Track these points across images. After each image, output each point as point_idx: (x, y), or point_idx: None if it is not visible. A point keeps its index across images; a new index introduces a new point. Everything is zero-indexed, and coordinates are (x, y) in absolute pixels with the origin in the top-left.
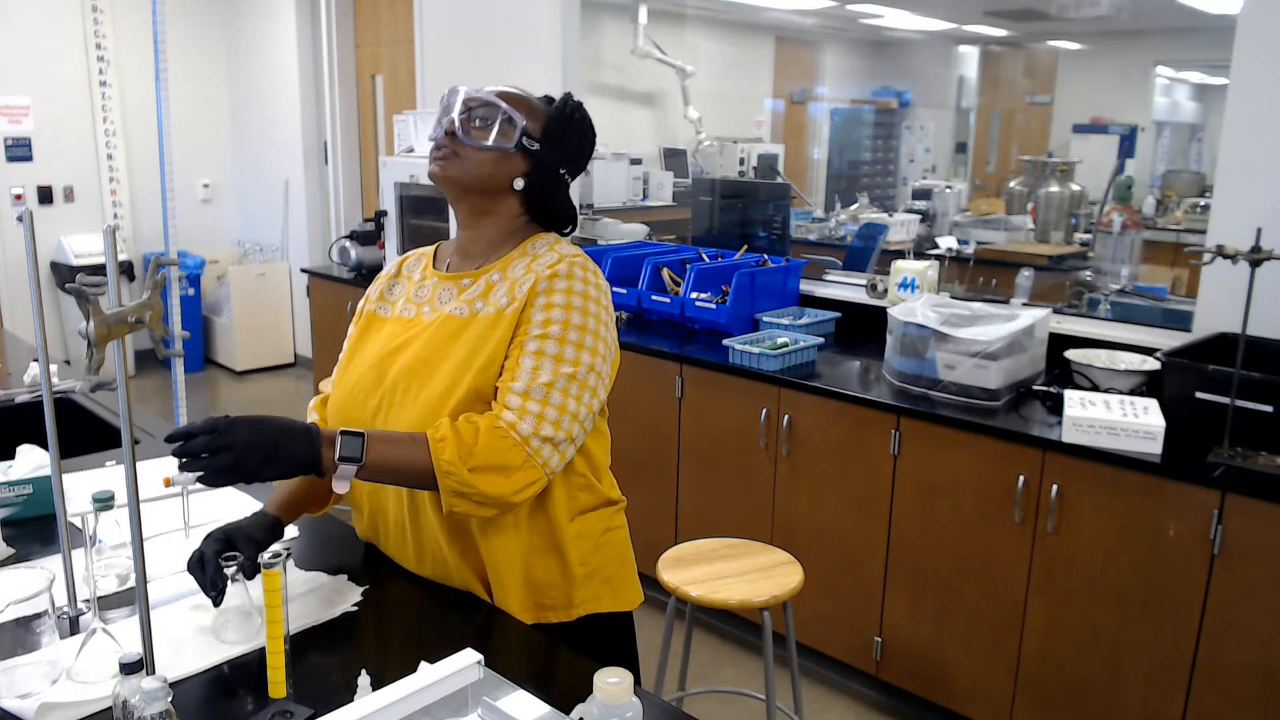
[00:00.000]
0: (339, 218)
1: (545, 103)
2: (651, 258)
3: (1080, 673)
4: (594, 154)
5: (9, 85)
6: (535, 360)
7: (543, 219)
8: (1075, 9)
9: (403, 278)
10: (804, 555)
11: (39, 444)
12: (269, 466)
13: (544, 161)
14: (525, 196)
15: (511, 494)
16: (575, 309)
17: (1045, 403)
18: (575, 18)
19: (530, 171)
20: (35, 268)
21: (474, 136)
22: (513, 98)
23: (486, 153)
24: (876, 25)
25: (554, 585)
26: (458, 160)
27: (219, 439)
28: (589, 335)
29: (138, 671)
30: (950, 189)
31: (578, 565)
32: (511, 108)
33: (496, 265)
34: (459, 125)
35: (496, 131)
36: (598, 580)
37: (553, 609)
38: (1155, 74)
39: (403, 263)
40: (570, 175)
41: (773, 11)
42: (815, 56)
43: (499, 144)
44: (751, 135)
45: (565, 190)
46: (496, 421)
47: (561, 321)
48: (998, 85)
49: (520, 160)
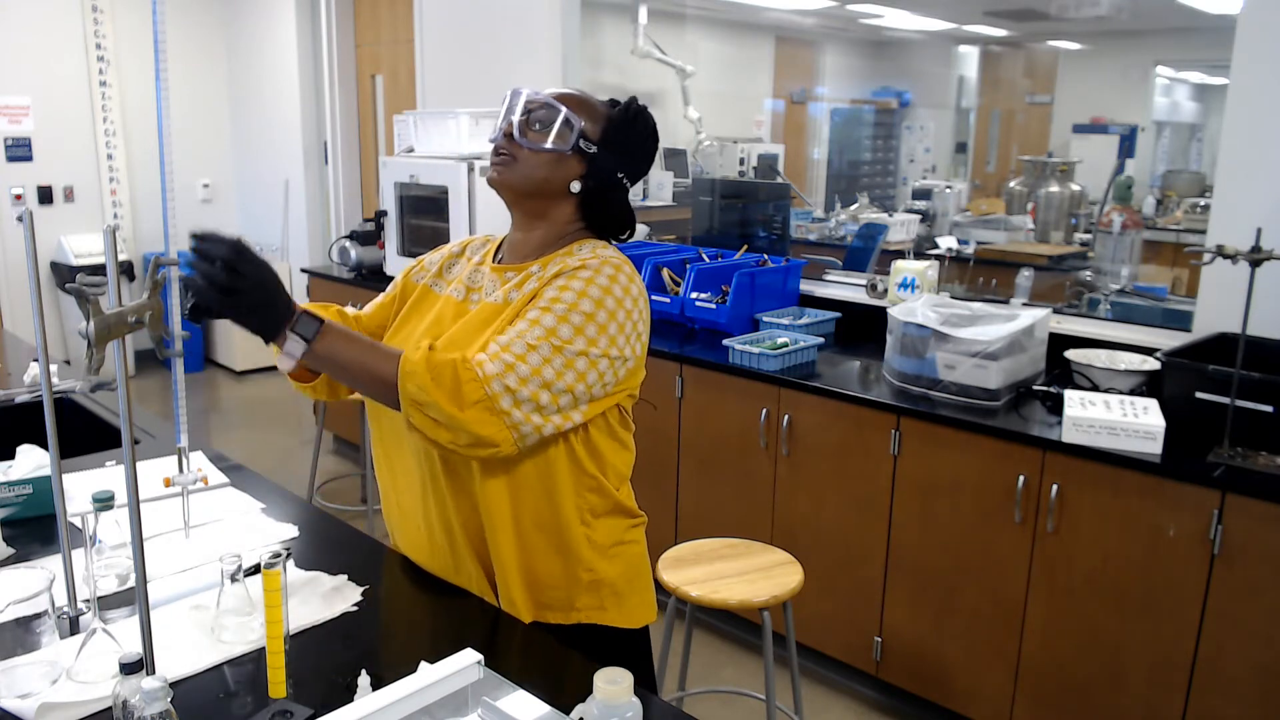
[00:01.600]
0: (339, 218)
1: (608, 106)
2: (651, 258)
3: (1080, 673)
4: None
5: (9, 85)
6: (528, 325)
7: (599, 223)
8: (1075, 9)
9: (464, 258)
10: (804, 555)
11: (39, 444)
12: (254, 312)
13: (602, 164)
14: (582, 199)
15: (466, 420)
16: (589, 297)
17: (1045, 403)
18: (575, 18)
19: (587, 174)
20: (35, 268)
21: (531, 139)
22: (572, 99)
23: (542, 154)
24: (876, 25)
25: (555, 586)
26: (514, 164)
27: (240, 263)
28: (592, 324)
29: (138, 671)
30: (950, 189)
31: (583, 570)
32: (570, 109)
33: (543, 261)
34: (517, 127)
35: (555, 134)
36: (605, 591)
37: (550, 609)
38: (1155, 74)
39: (468, 244)
40: (630, 179)
41: (773, 11)
42: (815, 56)
43: (556, 146)
44: (751, 135)
45: (624, 194)
46: (467, 357)
47: (570, 303)
48: (998, 85)
49: (577, 163)
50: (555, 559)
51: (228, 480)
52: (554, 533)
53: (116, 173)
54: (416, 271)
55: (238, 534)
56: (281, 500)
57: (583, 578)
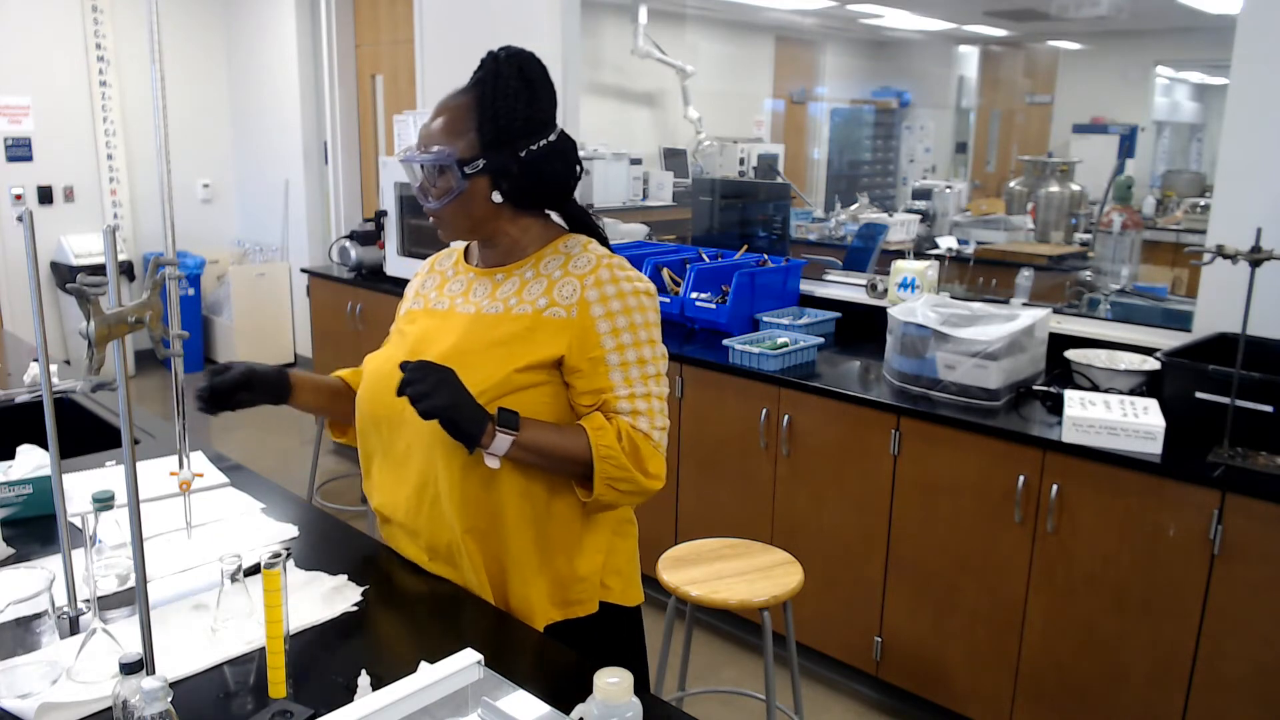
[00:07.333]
0: (339, 218)
1: (473, 90)
2: (651, 258)
3: (1080, 673)
4: (555, 97)
5: (9, 85)
6: (624, 370)
7: (545, 201)
8: (1075, 9)
9: (435, 273)
10: (804, 555)
11: (39, 444)
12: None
13: (499, 164)
14: (512, 197)
15: (654, 484)
16: (634, 309)
17: (1045, 403)
18: (575, 18)
19: (495, 182)
20: (35, 268)
21: (435, 196)
22: (435, 133)
23: (450, 206)
24: (876, 25)
25: (578, 578)
26: (443, 224)
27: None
28: (655, 330)
29: (138, 671)
30: (950, 189)
31: (595, 553)
32: (440, 147)
33: (529, 262)
34: (421, 193)
35: (443, 183)
36: (609, 571)
37: (579, 603)
38: (1155, 74)
39: (434, 261)
40: (536, 138)
41: (773, 11)
42: (815, 56)
43: (454, 190)
44: (751, 135)
45: (541, 158)
46: (637, 426)
47: (627, 327)
48: (998, 85)
49: (482, 182)
50: (577, 554)
51: (228, 480)
52: (570, 528)
53: (116, 173)
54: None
55: (238, 534)
56: (281, 500)
57: (597, 561)
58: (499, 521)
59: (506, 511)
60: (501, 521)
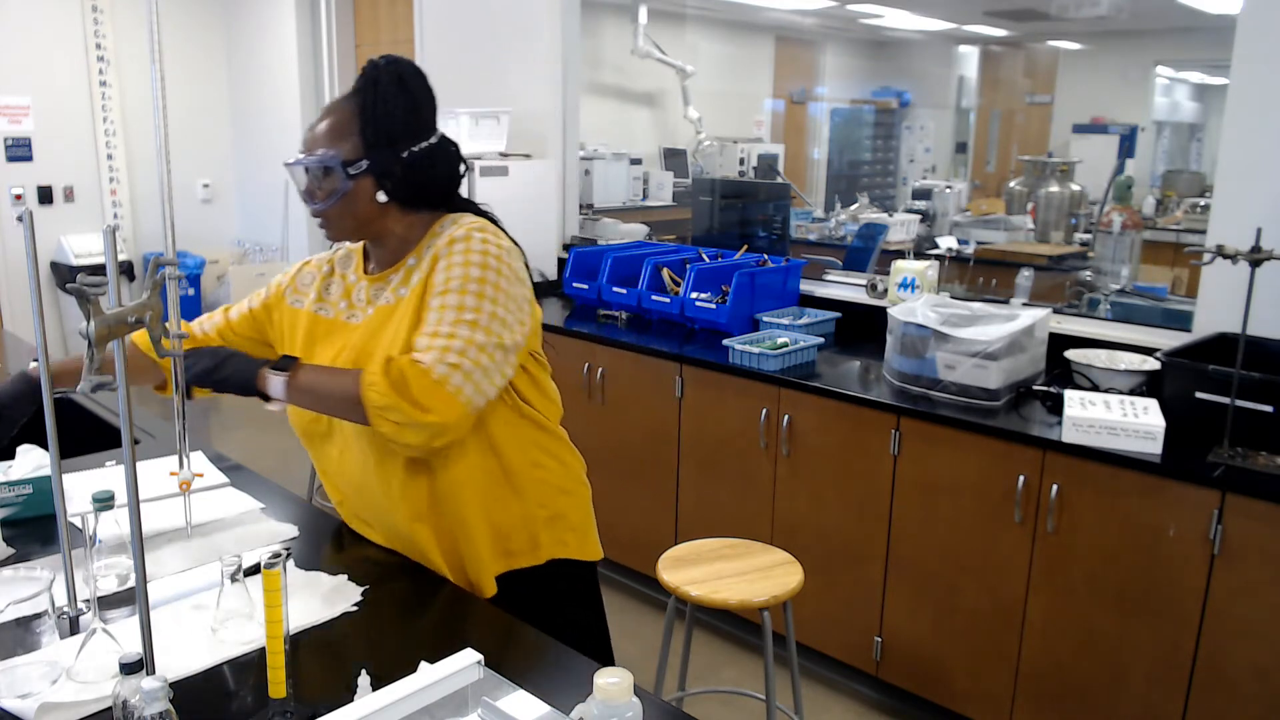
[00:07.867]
0: None
1: (355, 96)
2: (651, 258)
3: (1080, 673)
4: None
5: (9, 85)
6: (438, 312)
7: (432, 199)
8: (1075, 9)
9: (336, 276)
10: (804, 555)
11: (39, 444)
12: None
13: (382, 165)
14: (397, 196)
15: (427, 415)
16: (473, 264)
17: (1045, 403)
18: (575, 18)
19: (379, 182)
20: (35, 268)
21: (320, 199)
22: (320, 137)
23: (335, 206)
24: (876, 25)
25: (516, 528)
26: (331, 225)
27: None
28: (488, 286)
29: (138, 671)
30: (950, 189)
31: (537, 506)
32: (323, 150)
33: (415, 252)
34: (307, 196)
35: (327, 185)
36: (563, 526)
37: (519, 554)
38: (1155, 74)
39: (333, 260)
40: (418, 143)
41: (773, 11)
42: (815, 56)
43: (338, 191)
44: (751, 135)
45: (426, 161)
46: (412, 358)
47: (460, 278)
48: (998, 85)
49: (367, 183)
50: (514, 503)
51: (228, 480)
52: (503, 478)
53: (116, 173)
54: (292, 295)
55: (238, 534)
56: (281, 500)
57: (539, 514)
58: (438, 500)
59: (441, 488)
60: (440, 499)
